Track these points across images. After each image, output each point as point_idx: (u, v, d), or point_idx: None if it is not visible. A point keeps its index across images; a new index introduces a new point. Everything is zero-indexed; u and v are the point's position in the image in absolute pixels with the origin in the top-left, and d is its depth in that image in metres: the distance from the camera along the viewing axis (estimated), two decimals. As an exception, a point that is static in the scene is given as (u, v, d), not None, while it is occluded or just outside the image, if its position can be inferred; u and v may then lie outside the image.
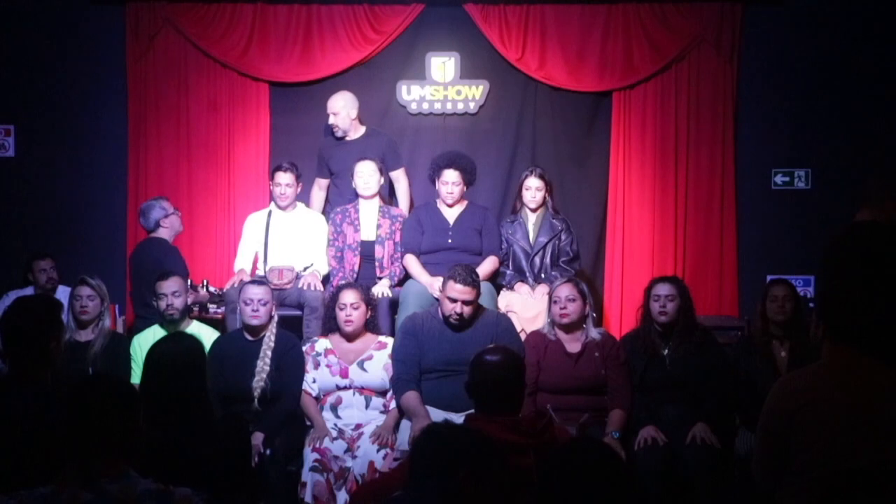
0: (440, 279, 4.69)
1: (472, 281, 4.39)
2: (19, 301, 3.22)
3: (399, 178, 5.79)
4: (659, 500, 3.96)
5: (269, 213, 5.51)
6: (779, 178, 6.23)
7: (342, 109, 5.69)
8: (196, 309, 5.33)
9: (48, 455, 2.42)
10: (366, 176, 5.38)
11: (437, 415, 4.14)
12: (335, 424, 4.33)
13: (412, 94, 6.25)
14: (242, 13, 6.13)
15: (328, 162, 5.76)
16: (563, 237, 5.41)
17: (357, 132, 5.75)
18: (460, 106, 6.25)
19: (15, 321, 3.03)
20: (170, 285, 4.60)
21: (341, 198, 5.68)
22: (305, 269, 5.32)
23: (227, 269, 5.89)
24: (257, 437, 4.07)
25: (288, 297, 5.20)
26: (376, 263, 5.36)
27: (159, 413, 2.88)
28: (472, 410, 3.09)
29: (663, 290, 4.41)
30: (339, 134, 5.73)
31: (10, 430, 2.68)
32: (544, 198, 5.46)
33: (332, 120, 5.73)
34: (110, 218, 6.18)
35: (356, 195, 5.45)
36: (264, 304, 4.43)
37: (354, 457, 4.15)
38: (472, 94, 6.24)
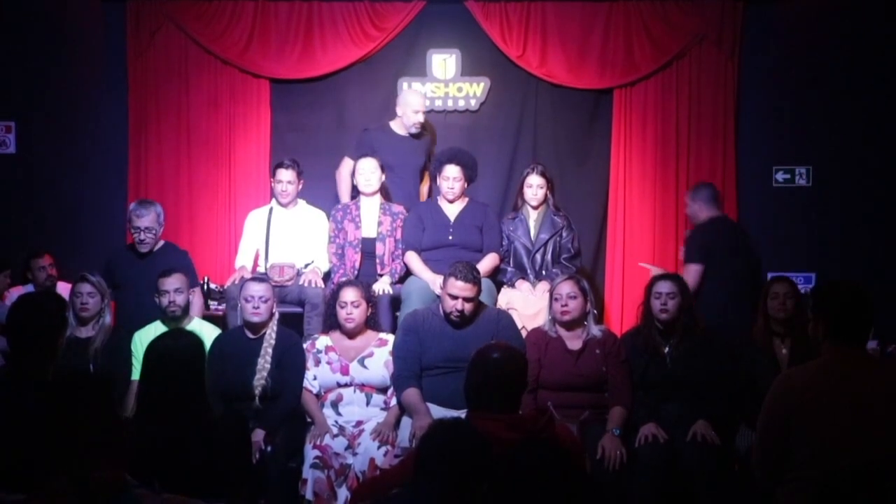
0: (442, 277, 4.69)
1: (473, 278, 4.38)
2: (28, 298, 3.23)
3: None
4: (659, 497, 3.96)
5: (271, 209, 5.51)
6: (780, 176, 6.22)
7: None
8: None
9: (51, 453, 2.41)
10: (367, 173, 5.38)
11: (437, 412, 4.14)
12: (336, 421, 4.33)
13: (413, 92, 6.24)
14: (243, 9, 6.12)
15: (381, 153, 5.53)
16: (564, 234, 5.41)
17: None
18: (461, 103, 6.24)
19: (24, 318, 3.02)
20: (172, 282, 4.59)
21: (401, 190, 5.65)
22: (306, 265, 5.32)
23: (227, 266, 5.89)
24: (258, 434, 4.07)
25: (289, 293, 5.19)
26: (377, 260, 5.35)
27: (158, 409, 2.88)
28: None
29: (665, 287, 4.40)
30: (416, 131, 5.71)
31: (13, 427, 2.68)
32: (545, 195, 5.45)
33: (420, 118, 5.68)
34: (111, 214, 6.16)
35: (357, 192, 5.46)
36: (265, 302, 4.43)
37: (355, 453, 4.15)
38: (473, 91, 6.23)
